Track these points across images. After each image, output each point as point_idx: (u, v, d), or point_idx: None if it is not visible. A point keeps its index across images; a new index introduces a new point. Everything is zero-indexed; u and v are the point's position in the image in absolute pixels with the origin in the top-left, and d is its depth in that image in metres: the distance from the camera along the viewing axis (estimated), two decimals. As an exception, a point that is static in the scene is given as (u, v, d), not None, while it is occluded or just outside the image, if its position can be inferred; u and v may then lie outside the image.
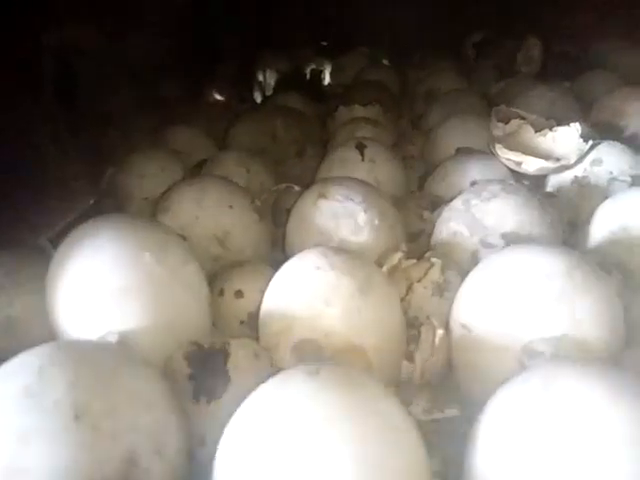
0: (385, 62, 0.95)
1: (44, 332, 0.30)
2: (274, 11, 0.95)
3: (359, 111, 0.64)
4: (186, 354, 0.28)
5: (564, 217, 0.45)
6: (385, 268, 0.36)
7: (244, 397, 0.23)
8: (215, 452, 0.23)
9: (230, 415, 0.23)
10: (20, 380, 0.21)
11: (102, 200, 0.55)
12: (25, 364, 0.22)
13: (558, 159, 0.47)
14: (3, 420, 0.21)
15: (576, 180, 0.47)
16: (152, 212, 0.43)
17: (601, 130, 0.56)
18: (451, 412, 0.32)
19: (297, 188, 0.47)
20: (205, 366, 0.28)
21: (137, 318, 0.29)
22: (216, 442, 0.23)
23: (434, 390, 0.34)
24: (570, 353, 0.26)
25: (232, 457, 0.21)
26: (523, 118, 0.55)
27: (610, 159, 0.46)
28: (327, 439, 0.19)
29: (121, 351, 0.26)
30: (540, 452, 0.20)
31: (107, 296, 0.29)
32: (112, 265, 0.29)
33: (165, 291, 0.30)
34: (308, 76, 0.91)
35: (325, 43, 0.99)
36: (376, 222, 0.38)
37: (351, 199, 0.39)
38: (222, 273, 0.37)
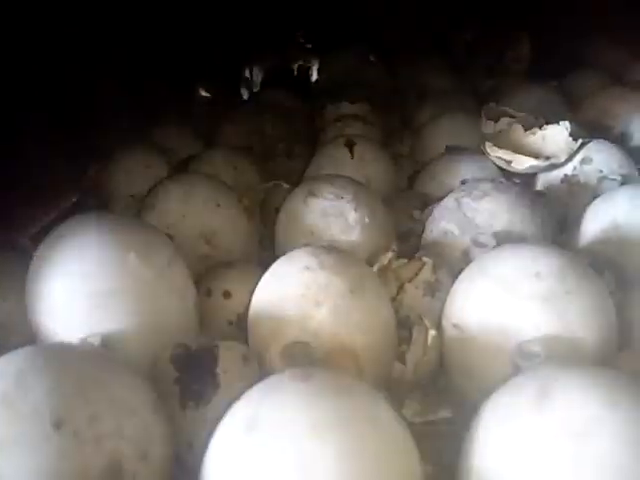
0: (372, 59, 0.95)
1: (24, 335, 0.29)
2: (261, 7, 0.94)
3: (348, 108, 0.63)
4: (172, 357, 0.27)
5: (554, 216, 0.45)
6: (376, 268, 0.35)
7: (232, 401, 0.23)
8: (202, 457, 0.22)
9: (218, 420, 0.22)
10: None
11: (85, 198, 0.54)
12: (2, 369, 0.21)
13: (548, 157, 0.47)
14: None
15: (566, 179, 0.47)
16: (137, 210, 0.42)
17: (590, 129, 0.56)
18: (443, 414, 0.32)
19: (286, 186, 0.46)
20: (192, 369, 0.27)
21: (121, 320, 0.28)
22: (204, 446, 0.22)
23: (426, 391, 0.33)
24: (563, 354, 0.26)
25: (220, 463, 0.20)
26: (513, 116, 0.55)
27: (600, 157, 0.46)
28: (317, 446, 0.19)
29: (104, 354, 0.25)
30: (536, 459, 0.19)
31: (89, 298, 0.28)
32: (95, 266, 0.28)
33: (150, 292, 0.29)
34: (295, 72, 0.90)
35: (310, 45, 0.98)
36: (367, 221, 0.38)
37: (341, 197, 0.38)
38: (209, 273, 0.37)
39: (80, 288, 0.28)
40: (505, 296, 0.28)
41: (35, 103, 0.54)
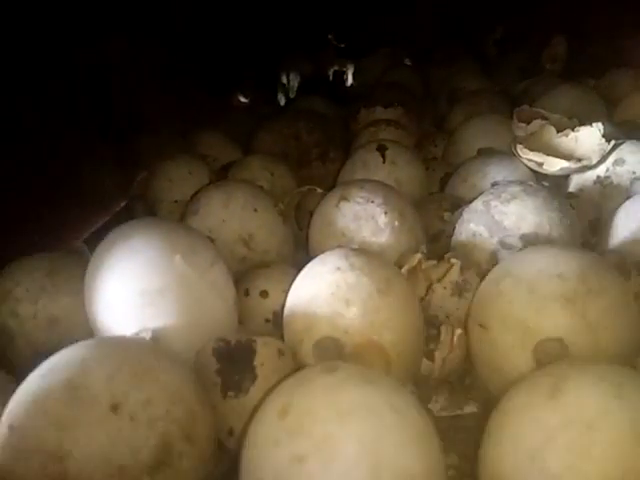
0: (407, 62, 0.96)
1: (84, 330, 0.32)
2: (297, 14, 0.97)
3: (381, 113, 0.65)
4: (214, 350, 0.30)
5: (586, 217, 0.45)
6: (405, 269, 0.37)
7: (268, 391, 0.25)
8: (243, 440, 0.24)
9: (256, 408, 0.25)
10: (64, 374, 0.23)
11: (134, 203, 0.57)
12: (68, 359, 0.24)
13: (580, 159, 0.47)
14: (49, 410, 0.23)
15: (598, 180, 0.47)
16: (181, 214, 0.45)
17: (626, 129, 0.56)
18: (469, 409, 0.33)
19: (320, 190, 0.48)
20: (232, 362, 0.29)
21: (168, 317, 0.31)
22: (243, 432, 0.25)
23: (453, 388, 0.35)
24: (584, 352, 0.27)
25: (257, 445, 0.22)
26: (545, 118, 0.55)
27: (633, 159, 0.46)
28: (339, 430, 0.21)
29: (155, 347, 0.27)
30: (547, 448, 0.20)
31: (141, 296, 0.31)
32: (145, 267, 0.31)
33: (194, 291, 0.32)
34: (331, 78, 0.92)
35: (343, 45, 1.00)
36: (396, 224, 0.39)
37: (372, 201, 0.40)
38: (248, 274, 0.39)
39: (133, 287, 0.31)
40: (528, 296, 0.29)
41: (84, 114, 0.59)
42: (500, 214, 0.39)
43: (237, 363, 0.29)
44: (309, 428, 0.21)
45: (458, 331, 0.33)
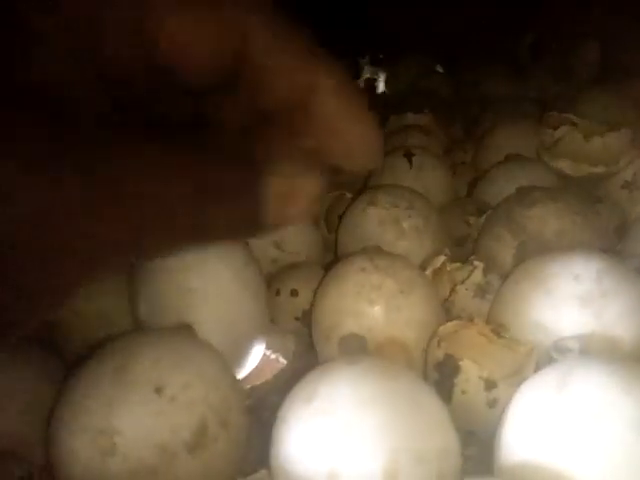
0: (439, 69, 0.97)
1: (128, 321, 0.35)
2: (328, 23, 0.99)
3: (411, 119, 0.66)
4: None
5: (612, 222, 0.45)
6: (429, 271, 0.38)
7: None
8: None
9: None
10: (112, 360, 0.26)
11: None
12: (116, 346, 0.27)
13: (607, 164, 0.47)
14: (99, 392, 0.25)
15: (626, 185, 0.47)
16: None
17: (658, 133, 0.55)
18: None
19: (349, 195, 0.50)
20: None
21: (205, 313, 0.33)
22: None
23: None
24: (598, 350, 0.28)
25: (286, 426, 0.24)
26: (574, 124, 0.55)
27: (661, 164, 0.46)
28: (359, 416, 0.22)
29: (194, 338, 0.30)
30: (556, 441, 0.22)
31: (180, 293, 0.33)
32: (183, 267, 0.33)
33: (227, 290, 0.34)
34: (362, 85, 0.94)
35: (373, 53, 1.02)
36: (421, 228, 0.41)
37: (397, 206, 0.42)
38: (279, 274, 0.41)
39: (172, 286, 0.33)
40: (545, 297, 0.31)
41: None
42: (523, 218, 0.40)
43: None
44: (331, 413, 0.23)
45: (479, 331, 0.35)
